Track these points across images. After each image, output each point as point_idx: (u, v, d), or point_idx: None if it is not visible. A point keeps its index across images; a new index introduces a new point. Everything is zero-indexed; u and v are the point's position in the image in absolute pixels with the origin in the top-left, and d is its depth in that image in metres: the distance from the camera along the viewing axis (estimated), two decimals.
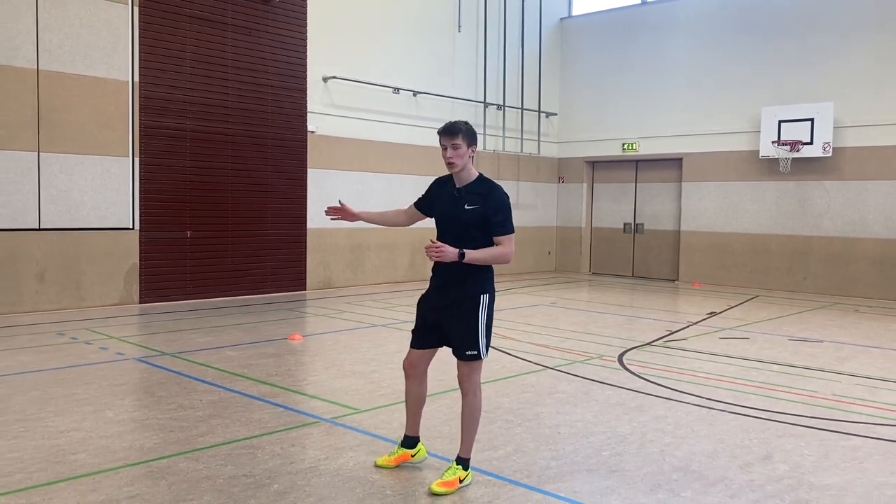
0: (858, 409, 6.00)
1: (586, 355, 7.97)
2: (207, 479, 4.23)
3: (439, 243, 4.02)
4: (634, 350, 8.34)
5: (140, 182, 11.17)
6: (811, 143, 14.10)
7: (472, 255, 4.05)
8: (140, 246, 11.20)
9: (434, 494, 4.02)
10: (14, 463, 4.43)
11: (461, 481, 4.13)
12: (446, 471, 4.18)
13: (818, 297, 13.88)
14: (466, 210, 4.12)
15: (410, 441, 4.47)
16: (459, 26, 15.84)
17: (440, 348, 4.39)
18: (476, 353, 4.15)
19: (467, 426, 4.23)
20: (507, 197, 4.22)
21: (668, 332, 9.54)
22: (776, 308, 12.18)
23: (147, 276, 11.28)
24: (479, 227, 4.12)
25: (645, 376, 7.01)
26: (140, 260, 11.20)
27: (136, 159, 11.12)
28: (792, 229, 14.81)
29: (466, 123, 4.19)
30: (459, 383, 4.25)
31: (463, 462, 4.20)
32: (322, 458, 4.61)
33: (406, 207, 4.63)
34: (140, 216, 11.20)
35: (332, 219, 4.59)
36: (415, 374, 4.40)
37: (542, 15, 17.75)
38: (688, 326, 10.11)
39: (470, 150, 4.14)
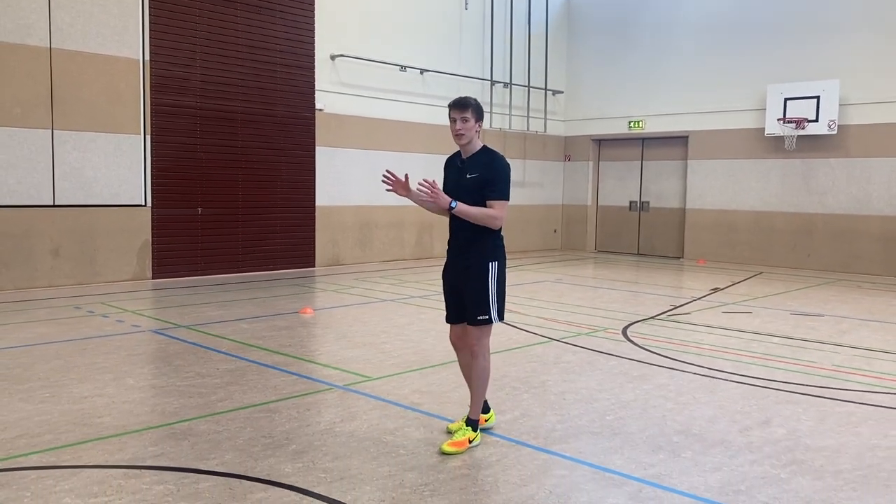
0: (856, 378, 6.16)
1: (591, 328, 8.14)
2: (228, 439, 4.42)
3: (434, 185, 4.16)
4: (638, 323, 8.51)
5: (152, 159, 11.33)
6: (816, 120, 14.16)
7: (462, 207, 4.23)
8: (152, 222, 11.39)
9: (445, 454, 4.21)
10: (42, 425, 4.64)
11: (470, 442, 4.32)
12: (456, 432, 4.36)
13: (822, 273, 14.01)
14: (468, 178, 4.33)
15: (484, 406, 4.62)
16: (466, 4, 15.87)
17: None
18: (487, 317, 4.34)
19: (476, 388, 4.43)
20: (508, 167, 4.40)
21: (671, 307, 9.71)
22: (780, 284, 12.32)
23: (159, 252, 11.48)
24: (479, 195, 4.29)
25: (648, 348, 7.18)
26: (152, 236, 11.39)
27: (148, 137, 11.27)
28: (797, 207, 14.90)
29: (475, 100, 4.40)
30: (470, 346, 4.43)
31: (472, 423, 4.39)
32: (337, 421, 4.80)
33: None
34: (152, 193, 11.37)
35: (386, 189, 4.46)
36: (462, 347, 4.56)
37: None
38: (691, 301, 10.27)
39: (477, 125, 4.36)
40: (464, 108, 4.30)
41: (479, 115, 4.35)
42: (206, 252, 12.05)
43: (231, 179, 12.33)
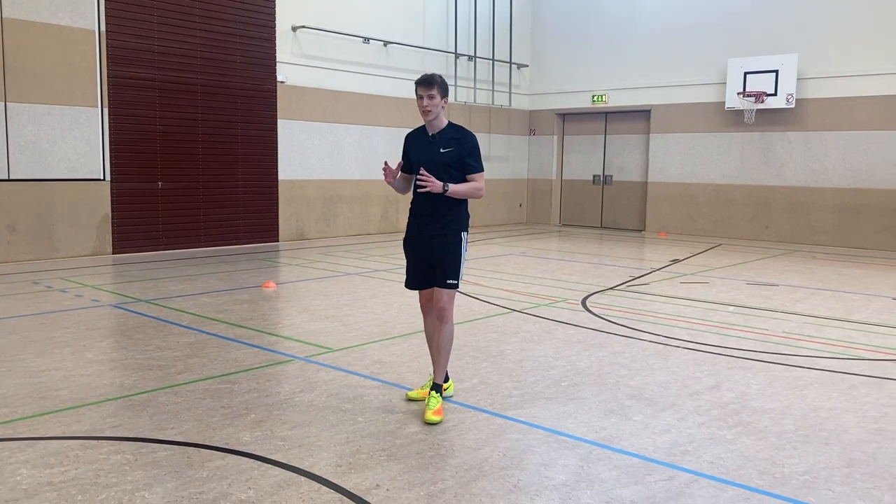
0: (805, 345, 6.36)
1: (552, 299, 8.26)
2: (187, 410, 4.45)
3: (429, 175, 4.33)
4: (598, 294, 8.65)
5: (110, 132, 11.14)
6: (775, 94, 14.38)
7: (454, 188, 4.43)
8: (112, 197, 11.23)
9: (431, 423, 4.26)
10: None
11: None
12: (430, 400, 4.40)
13: (779, 244, 14.32)
14: (442, 153, 4.46)
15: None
16: None
17: None
18: (455, 282, 4.53)
19: (444, 352, 4.55)
20: (477, 139, 4.60)
21: (631, 278, 9.88)
22: (738, 255, 12.58)
23: (119, 227, 11.33)
24: (454, 168, 4.47)
25: (606, 317, 7.32)
26: (112, 211, 11.24)
27: (106, 110, 11.07)
28: (755, 179, 15.18)
29: (440, 76, 4.52)
30: (439, 310, 4.53)
31: (437, 388, 4.48)
32: (297, 391, 4.85)
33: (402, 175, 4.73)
34: (111, 167, 11.20)
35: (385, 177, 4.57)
36: (431, 311, 4.65)
37: None
38: (651, 272, 10.46)
39: (443, 102, 4.48)
40: (429, 85, 4.41)
41: (444, 92, 4.48)
42: (167, 226, 11.93)
43: (191, 153, 12.18)
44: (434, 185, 4.33)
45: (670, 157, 16.34)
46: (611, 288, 9.09)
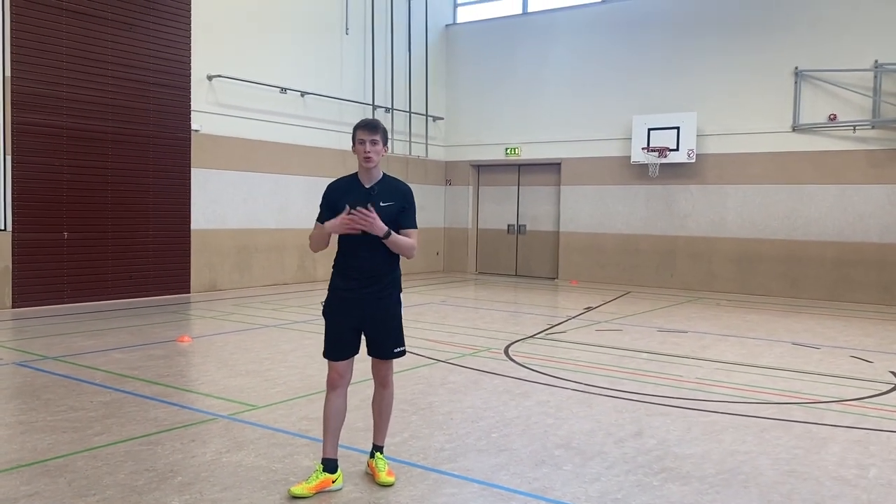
0: (717, 390, 6.67)
1: (475, 348, 8.36)
2: (109, 474, 4.25)
3: (371, 212, 3.95)
4: (519, 342, 8.81)
5: (12, 181, 10.65)
6: (677, 149, 15.19)
7: (394, 236, 4.09)
8: (13, 248, 10.68)
9: (389, 485, 4.14)
10: None
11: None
12: (379, 461, 4.28)
13: (684, 292, 14.97)
14: (383, 207, 4.11)
15: (333, 465, 4.16)
16: (347, 29, 15.98)
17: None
18: (403, 348, 4.34)
19: (388, 416, 4.41)
20: None
21: (549, 326, 10.11)
22: (646, 303, 13.08)
23: (21, 280, 10.77)
24: (393, 223, 4.14)
25: (529, 366, 7.46)
26: (13, 262, 10.69)
27: (8, 157, 10.61)
28: (660, 230, 15.89)
29: (382, 124, 4.22)
30: (382, 378, 4.33)
31: (380, 449, 4.37)
32: (223, 451, 4.71)
33: (318, 230, 4.20)
34: (13, 217, 10.68)
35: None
36: (343, 385, 4.23)
37: (427, 21, 18.16)
38: (567, 320, 10.73)
39: (384, 149, 4.15)
40: (374, 130, 4.07)
41: (386, 139, 4.15)
42: (72, 279, 11.42)
43: (100, 202, 11.77)
44: (376, 224, 3.93)
45: (580, 207, 16.93)
46: (531, 336, 9.28)
